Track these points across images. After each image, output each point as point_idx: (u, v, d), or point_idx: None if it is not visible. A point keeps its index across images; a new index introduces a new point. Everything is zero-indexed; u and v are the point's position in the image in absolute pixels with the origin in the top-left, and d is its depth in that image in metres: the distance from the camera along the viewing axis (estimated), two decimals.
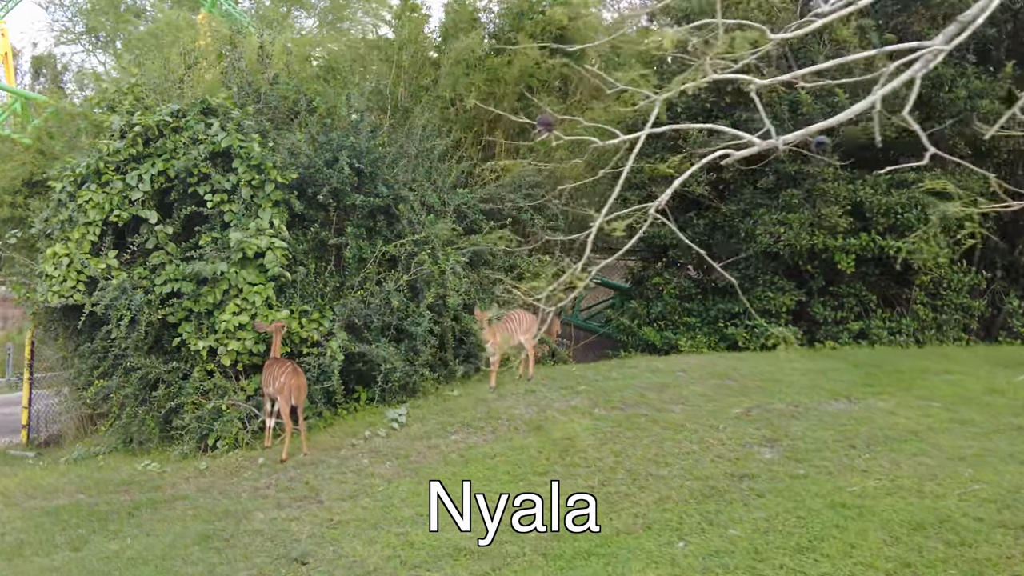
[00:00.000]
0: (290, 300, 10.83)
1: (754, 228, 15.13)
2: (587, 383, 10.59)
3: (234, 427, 10.16)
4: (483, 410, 9.78)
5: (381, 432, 9.65)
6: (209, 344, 10.56)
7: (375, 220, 11.74)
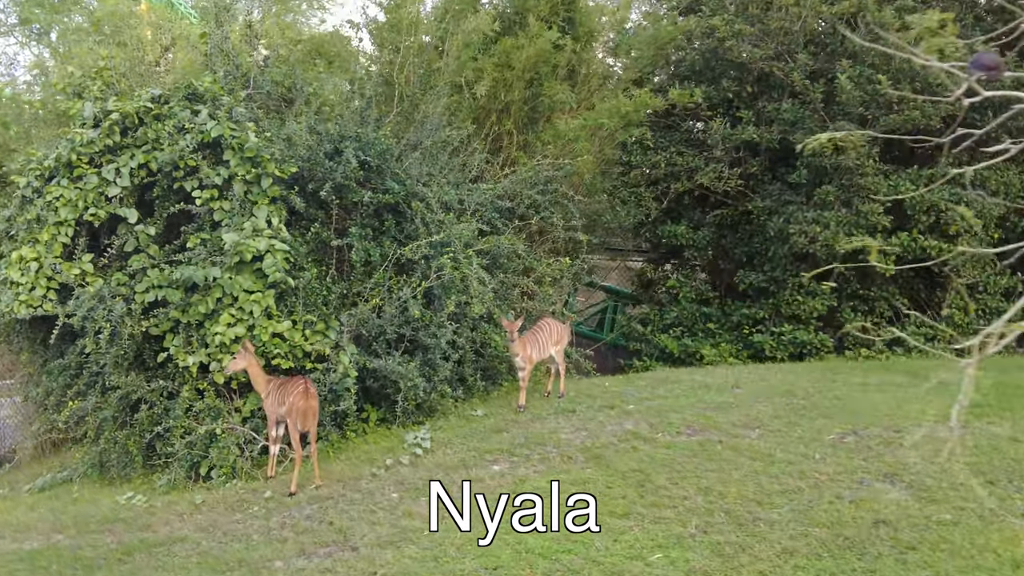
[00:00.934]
0: (291, 309, 9.95)
1: (786, 227, 14.45)
2: (633, 401, 9.88)
3: (231, 454, 9.28)
4: (520, 434, 9.00)
5: (404, 459, 8.83)
6: (200, 360, 9.68)
7: (381, 219, 10.90)
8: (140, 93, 10.65)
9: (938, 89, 13.46)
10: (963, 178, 13.83)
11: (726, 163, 15.46)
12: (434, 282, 10.01)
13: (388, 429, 10.08)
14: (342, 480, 8.46)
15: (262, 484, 8.88)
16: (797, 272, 15.00)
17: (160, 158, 10.04)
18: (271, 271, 9.61)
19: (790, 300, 15.06)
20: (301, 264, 10.10)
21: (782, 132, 14.95)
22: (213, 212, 10.10)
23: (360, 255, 10.39)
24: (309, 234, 10.56)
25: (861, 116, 13.92)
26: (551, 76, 14.22)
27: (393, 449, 9.22)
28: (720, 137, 15.23)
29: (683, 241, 16.21)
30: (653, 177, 16.12)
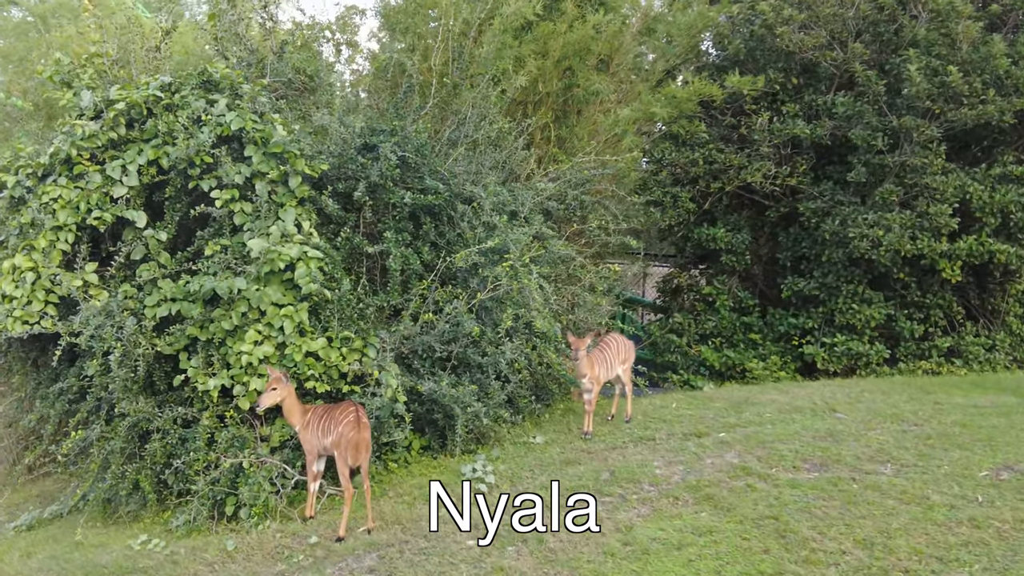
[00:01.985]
0: (326, 325, 9.10)
1: (842, 230, 13.77)
2: (722, 428, 9.15)
3: (263, 491, 8.40)
4: (600, 467, 8.23)
5: (466, 495, 7.99)
6: (222, 383, 8.81)
7: (418, 223, 10.08)
8: (148, 80, 9.75)
9: (1008, 81, 12.88)
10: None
11: (773, 160, 14.75)
12: (491, 293, 9.18)
13: (434, 459, 9.27)
14: (399, 522, 7.63)
15: (301, 526, 8.03)
16: (852, 278, 14.34)
17: (173, 154, 9.17)
18: (304, 282, 8.77)
19: (844, 308, 14.39)
20: (336, 274, 9.24)
21: (835, 127, 14.29)
22: (233, 215, 9.23)
23: (398, 263, 9.54)
24: (339, 239, 9.71)
25: (927, 110, 13.27)
26: (583, 65, 13.47)
27: (449, 484, 8.39)
28: (768, 132, 14.52)
29: (721, 245, 15.49)
30: (691, 175, 15.37)
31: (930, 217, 13.18)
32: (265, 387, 8.08)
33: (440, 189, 9.70)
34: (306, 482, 8.74)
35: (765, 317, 15.83)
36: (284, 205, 9.32)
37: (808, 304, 15.19)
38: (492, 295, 9.24)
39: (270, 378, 8.07)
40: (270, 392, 8.01)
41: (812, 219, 14.60)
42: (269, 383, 8.04)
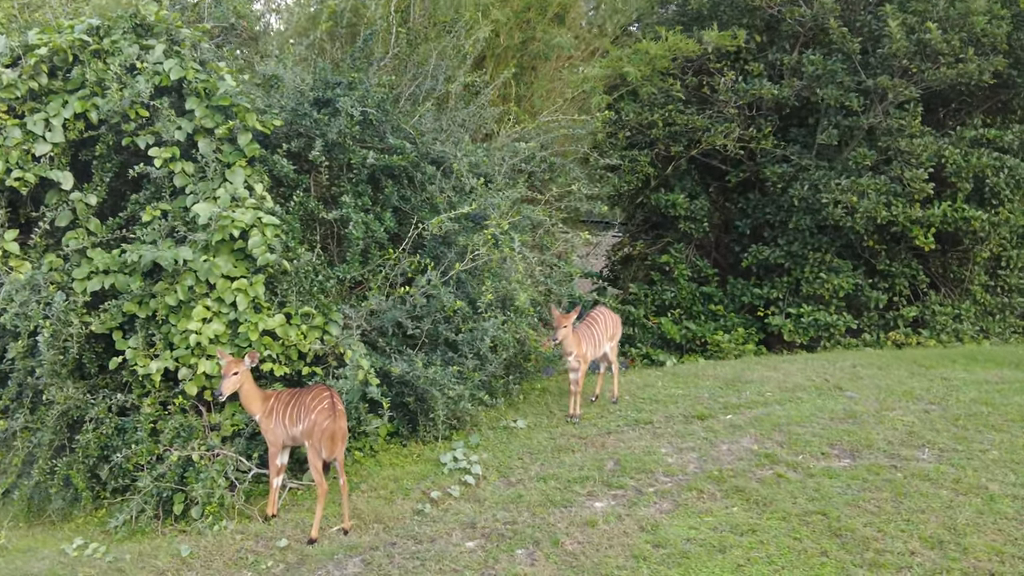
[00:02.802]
0: (283, 299, 8.34)
1: (812, 195, 13.45)
2: (727, 410, 8.78)
3: (218, 487, 7.64)
4: (602, 455, 7.72)
5: (453, 490, 7.40)
6: (165, 365, 7.99)
7: (378, 186, 9.36)
8: (72, 23, 8.75)
9: (985, 40, 12.66)
10: (1004, 140, 13.13)
11: (738, 122, 14.32)
12: (469, 264, 8.52)
13: (403, 447, 8.62)
14: (379, 520, 6.98)
15: (264, 527, 7.31)
16: (820, 246, 14.07)
17: (103, 106, 8.25)
18: (260, 252, 7.99)
19: (811, 278, 14.12)
20: (291, 243, 8.47)
21: (803, 87, 13.91)
22: (173, 176, 8.38)
23: (359, 230, 8.79)
24: (292, 204, 8.90)
25: (903, 69, 12.97)
26: (542, 19, 12.81)
27: (427, 475, 7.78)
28: (733, 93, 14.08)
29: (681, 212, 15.05)
30: (650, 138, 14.85)
31: (906, 182, 12.94)
32: (223, 372, 7.29)
33: (407, 149, 8.97)
34: (266, 476, 8.04)
35: (725, 287, 15.50)
36: (231, 165, 8.50)
37: (771, 273, 14.90)
38: (470, 266, 8.56)
39: (226, 363, 7.29)
40: (230, 378, 7.23)
41: (778, 184, 14.26)
42: (227, 367, 7.25)
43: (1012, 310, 15.14)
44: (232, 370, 7.23)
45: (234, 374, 7.23)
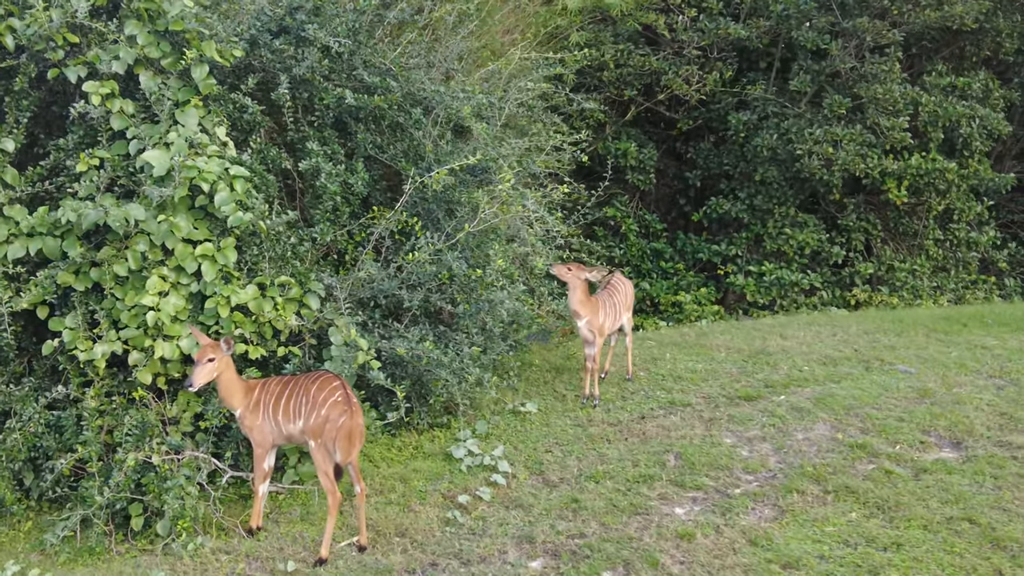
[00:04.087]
0: (253, 267, 7.18)
1: (787, 146, 12.89)
2: (775, 388, 8.25)
3: (190, 496, 6.49)
4: (652, 447, 6.97)
5: (483, 493, 6.48)
6: (111, 349, 6.75)
7: (346, 131, 8.23)
8: None
9: None
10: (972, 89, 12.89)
11: (697, 65, 13.61)
12: (482, 225, 7.48)
13: (393, 437, 7.63)
14: (402, 533, 6.00)
15: (251, 544, 6.24)
16: (785, 200, 13.59)
17: (23, 29, 6.83)
18: (231, 210, 6.79)
19: (774, 233, 13.65)
20: (267, 199, 7.29)
21: (772, 27, 13.30)
22: (110, 116, 7.03)
23: (333, 183, 7.62)
24: (249, 152, 7.68)
25: (883, 11, 12.49)
26: None
27: (441, 474, 6.84)
28: (694, 32, 13.33)
29: (631, 161, 14.30)
30: (600, 81, 13.97)
31: (883, 132, 12.53)
32: (197, 358, 6.11)
33: (392, 87, 7.83)
34: (240, 480, 6.94)
35: (674, 243, 14.91)
36: (182, 105, 7.21)
37: (726, 229, 14.38)
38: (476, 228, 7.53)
39: (202, 346, 6.13)
40: (205, 365, 6.07)
41: (740, 133, 13.66)
42: (202, 352, 6.08)
43: (964, 265, 15.10)
44: (207, 355, 6.06)
45: (209, 360, 6.07)
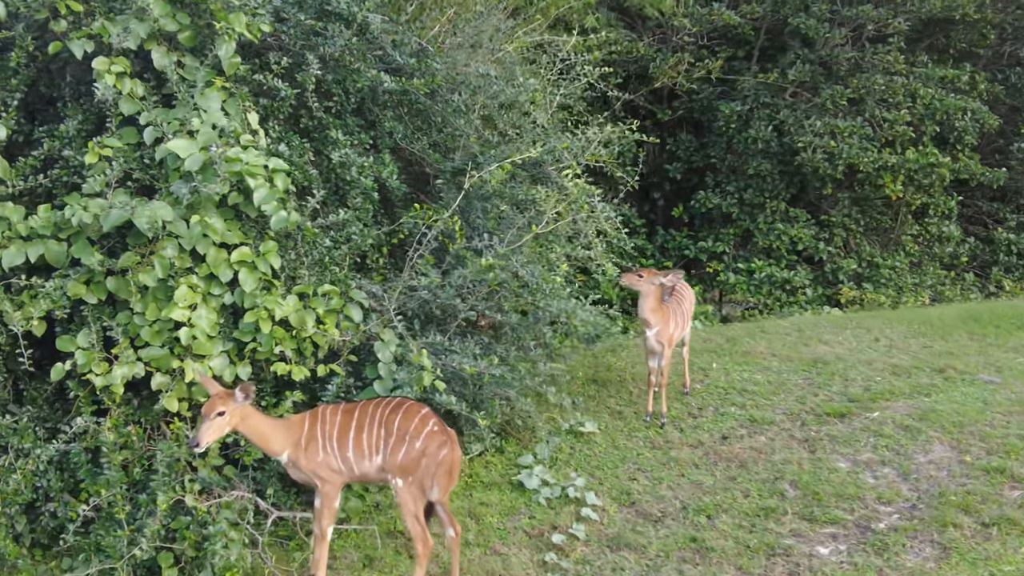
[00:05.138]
0: (292, 274, 6.40)
1: (778, 138, 12.54)
2: (855, 401, 7.83)
3: (235, 543, 5.69)
4: (758, 474, 6.46)
5: (577, 531, 5.84)
6: (132, 372, 5.89)
7: (367, 119, 7.48)
8: None
9: None
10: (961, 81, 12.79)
11: (689, 52, 13.16)
12: (550, 226, 6.81)
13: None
14: None
15: None
16: (777, 193, 13.27)
17: None
18: (272, 210, 5.98)
19: (765, 229, 13.32)
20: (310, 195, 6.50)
21: (770, 14, 12.91)
22: (120, 99, 6.15)
23: (366, 179, 6.87)
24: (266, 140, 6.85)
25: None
26: None
27: (515, 507, 6.20)
28: (687, 18, 12.87)
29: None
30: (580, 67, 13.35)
31: (884, 124, 12.30)
32: (204, 411, 5.19)
33: (435, 68, 7.09)
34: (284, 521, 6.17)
35: (653, 238, 14.48)
36: (206, 88, 6.36)
37: (711, 224, 14.00)
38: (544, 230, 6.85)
39: (211, 396, 5.24)
40: (213, 420, 5.09)
41: (731, 124, 13.27)
42: (210, 405, 5.16)
43: (940, 260, 15.08)
44: (216, 408, 5.12)
45: (219, 414, 5.14)
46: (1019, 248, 15.87)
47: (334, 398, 6.26)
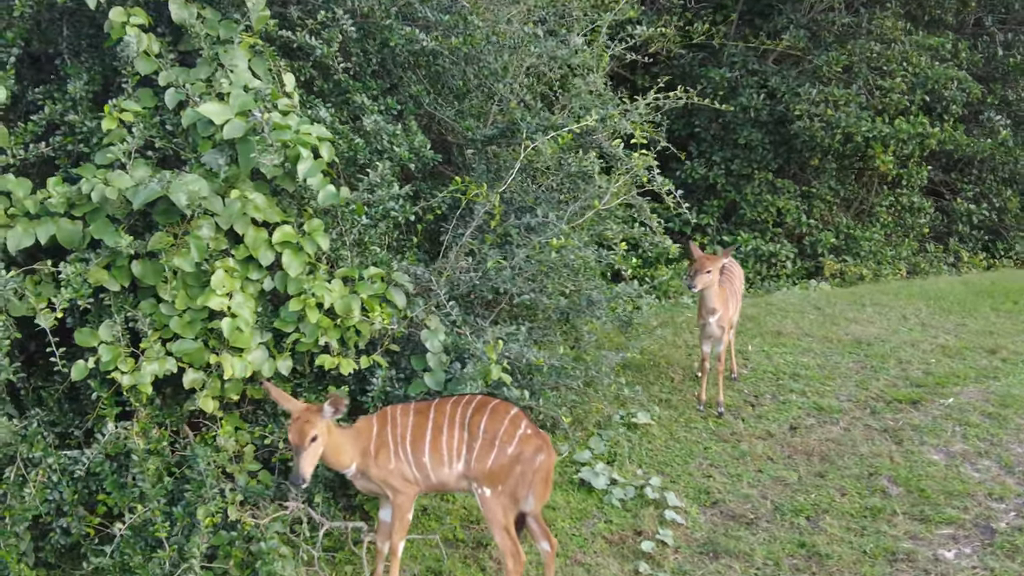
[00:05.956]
0: (334, 255, 5.81)
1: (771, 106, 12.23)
2: (918, 386, 7.52)
3: (289, 560, 5.12)
4: (847, 468, 6.09)
5: (665, 536, 5.40)
6: (164, 369, 5.25)
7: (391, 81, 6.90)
8: None
9: None
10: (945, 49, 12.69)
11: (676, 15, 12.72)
12: (613, 200, 6.33)
13: None
14: None
15: None
16: (765, 164, 12.98)
17: None
18: (318, 184, 5.37)
19: (752, 200, 13.02)
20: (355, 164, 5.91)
21: None
22: (135, 56, 5.45)
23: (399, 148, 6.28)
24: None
25: None
26: None
27: (587, 511, 5.74)
28: None
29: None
30: None
31: (880, 92, 12.08)
32: (296, 440, 4.58)
33: (475, 25, 6.50)
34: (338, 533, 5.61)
35: None
36: (228, 46, 5.69)
37: (693, 195, 13.64)
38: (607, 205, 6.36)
39: (296, 418, 4.64)
40: (309, 448, 4.56)
41: (718, 91, 12.89)
42: (302, 431, 4.55)
43: (913, 231, 15.04)
44: (310, 433, 4.54)
45: (313, 440, 4.58)
46: (979, 218, 15.95)
47: (379, 394, 5.71)
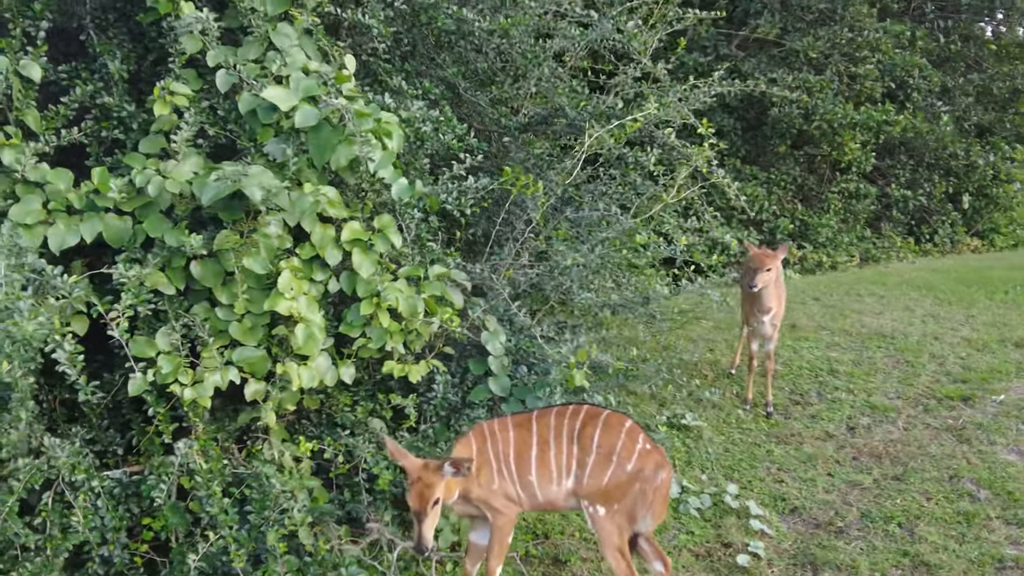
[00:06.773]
0: (393, 253, 5.45)
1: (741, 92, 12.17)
2: (963, 381, 7.49)
3: None
4: (923, 470, 6.02)
5: (756, 547, 5.21)
6: (226, 379, 4.84)
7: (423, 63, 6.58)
8: None
9: None
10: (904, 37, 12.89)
11: None
12: (682, 194, 6.12)
13: None
14: None
15: None
16: (736, 151, 12.97)
17: None
18: (391, 176, 5.03)
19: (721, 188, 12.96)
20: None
21: None
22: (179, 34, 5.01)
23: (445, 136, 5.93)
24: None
25: None
26: None
27: (665, 522, 5.50)
28: None
29: None
30: None
31: (858, 80, 12.16)
32: (417, 507, 4.23)
33: (528, 5, 6.19)
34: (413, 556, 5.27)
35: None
36: (274, 20, 5.27)
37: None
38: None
39: (414, 479, 4.25)
40: (431, 512, 4.22)
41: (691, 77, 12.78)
42: (423, 495, 4.19)
43: (861, 217, 15.27)
44: (431, 498, 4.19)
45: (435, 504, 4.24)
46: (915, 204, 16.30)
47: (441, 402, 5.41)
